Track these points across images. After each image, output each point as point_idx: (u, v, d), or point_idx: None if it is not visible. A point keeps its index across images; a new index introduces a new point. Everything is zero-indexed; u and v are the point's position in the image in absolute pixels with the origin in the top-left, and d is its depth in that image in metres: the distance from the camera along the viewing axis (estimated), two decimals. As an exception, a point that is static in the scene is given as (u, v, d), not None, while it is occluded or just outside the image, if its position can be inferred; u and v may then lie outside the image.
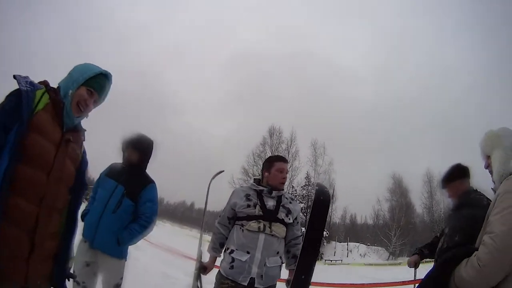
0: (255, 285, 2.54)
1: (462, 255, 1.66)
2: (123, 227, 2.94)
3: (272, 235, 2.62)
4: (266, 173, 2.83)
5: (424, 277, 1.80)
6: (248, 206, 2.69)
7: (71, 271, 1.92)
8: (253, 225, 2.64)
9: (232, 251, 2.63)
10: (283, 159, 2.93)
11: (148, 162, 3.11)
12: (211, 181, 3.42)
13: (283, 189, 2.83)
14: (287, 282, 2.62)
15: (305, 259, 2.37)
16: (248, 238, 2.62)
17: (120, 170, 3.07)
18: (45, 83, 1.65)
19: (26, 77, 1.58)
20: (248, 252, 2.59)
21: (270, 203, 2.72)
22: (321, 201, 2.45)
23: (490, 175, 1.86)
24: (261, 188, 2.78)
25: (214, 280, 2.68)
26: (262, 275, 2.54)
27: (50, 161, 1.56)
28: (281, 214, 2.68)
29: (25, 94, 1.48)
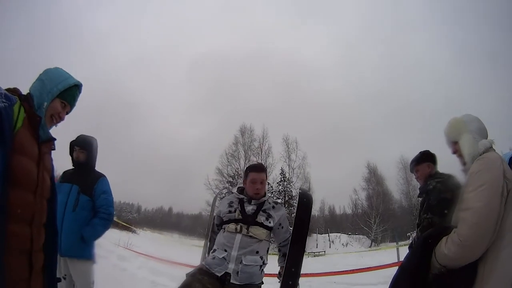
0: (231, 281, 2.62)
1: (440, 233, 1.78)
2: (85, 224, 3.10)
3: (250, 236, 2.74)
4: (244, 184, 3.03)
5: (405, 258, 1.94)
6: (230, 212, 2.89)
7: None
8: (231, 226, 2.80)
9: (214, 250, 2.80)
10: (256, 169, 3.01)
11: (95, 158, 3.36)
12: (215, 198, 3.64)
13: (259, 198, 2.93)
14: (279, 274, 2.86)
15: (293, 253, 2.66)
16: (227, 238, 2.78)
17: (72, 173, 3.29)
18: (17, 93, 1.59)
19: None
20: (225, 250, 2.72)
21: (249, 208, 2.88)
22: (304, 202, 2.79)
23: (459, 158, 2.00)
24: (242, 196, 2.95)
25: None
26: (238, 272, 2.63)
27: (34, 180, 1.55)
28: (261, 218, 2.82)
29: (5, 112, 1.41)
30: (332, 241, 32.09)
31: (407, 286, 1.80)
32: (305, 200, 2.82)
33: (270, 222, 2.84)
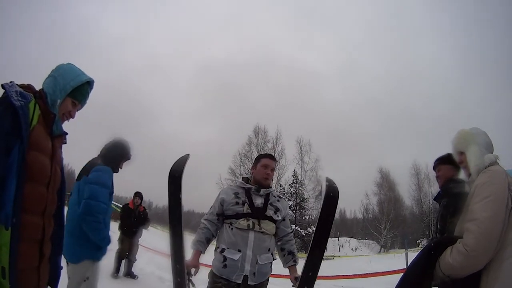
0: (248, 282, 2.53)
1: (445, 243, 1.81)
2: (77, 222, 2.72)
3: (262, 232, 2.62)
4: (253, 170, 2.90)
5: (409, 266, 1.94)
6: (237, 203, 2.69)
7: None
8: (242, 223, 2.62)
9: (223, 250, 2.61)
10: (269, 156, 2.95)
11: (107, 157, 3.01)
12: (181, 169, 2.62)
13: (269, 186, 2.84)
14: (295, 279, 2.58)
15: (313, 256, 2.49)
16: (238, 236, 2.61)
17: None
18: (32, 90, 1.62)
19: (13, 85, 1.53)
20: (239, 251, 2.57)
21: (258, 201, 2.73)
22: (331, 197, 2.53)
23: (464, 169, 2.06)
24: (249, 186, 2.80)
25: (205, 279, 2.67)
26: (254, 273, 2.55)
27: (48, 175, 1.61)
28: (270, 212, 2.70)
29: (21, 111, 1.45)
30: (342, 245, 31.78)
31: None
32: (332, 194, 2.54)
33: (278, 216, 2.74)
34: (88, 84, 1.81)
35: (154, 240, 17.98)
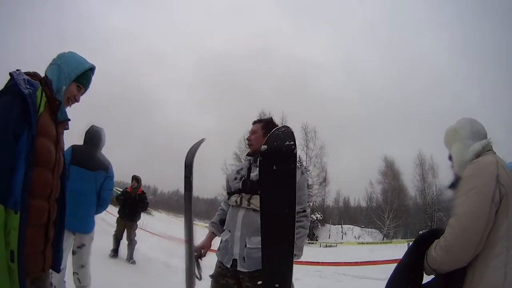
0: (238, 268, 2.24)
1: (433, 236, 1.74)
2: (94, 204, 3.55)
3: (253, 210, 2.27)
4: None
5: (401, 258, 1.88)
6: (235, 179, 2.47)
7: None
8: (233, 199, 2.40)
9: (223, 232, 2.46)
10: (253, 122, 2.63)
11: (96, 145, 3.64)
12: (193, 154, 2.86)
13: (253, 152, 2.47)
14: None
15: (270, 256, 1.91)
16: (230, 215, 2.40)
17: None
18: (38, 78, 1.66)
19: (20, 73, 1.56)
20: (229, 231, 2.35)
21: (255, 173, 2.37)
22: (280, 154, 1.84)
23: (452, 170, 1.93)
24: (249, 157, 2.52)
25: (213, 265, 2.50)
26: (244, 257, 2.23)
27: (53, 160, 1.65)
28: None
29: (30, 99, 1.48)
30: (345, 233, 32.02)
31: (401, 286, 1.79)
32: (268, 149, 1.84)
33: None
34: (90, 70, 1.86)
35: (159, 225, 18.25)
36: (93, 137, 3.62)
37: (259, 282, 2.07)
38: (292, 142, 1.88)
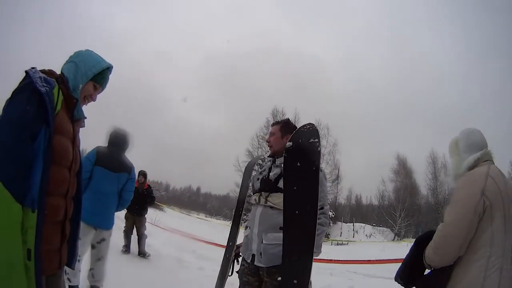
0: (255, 263, 2.35)
1: (430, 237, 1.91)
2: (116, 203, 3.76)
3: (270, 207, 2.37)
4: None
5: (406, 255, 2.07)
6: (258, 179, 2.57)
7: None
8: (253, 198, 2.52)
9: (246, 229, 2.58)
10: (271, 124, 2.73)
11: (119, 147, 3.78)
12: (251, 166, 3.27)
13: (273, 153, 2.57)
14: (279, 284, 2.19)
15: (290, 251, 2.02)
16: (251, 213, 2.50)
17: None
18: (54, 76, 1.64)
19: (36, 71, 1.54)
20: (249, 228, 2.47)
21: (273, 172, 2.48)
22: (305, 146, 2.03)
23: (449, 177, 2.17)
24: (270, 158, 2.62)
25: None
26: (261, 253, 2.32)
27: (70, 158, 1.65)
28: (282, 182, 2.33)
29: (47, 97, 1.46)
30: (356, 231, 31.83)
31: (404, 279, 2.00)
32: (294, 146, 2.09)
33: None
34: (107, 69, 1.84)
35: (171, 221, 18.36)
36: (119, 139, 3.77)
37: (279, 278, 2.14)
38: (317, 140, 2.03)
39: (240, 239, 2.81)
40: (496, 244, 1.69)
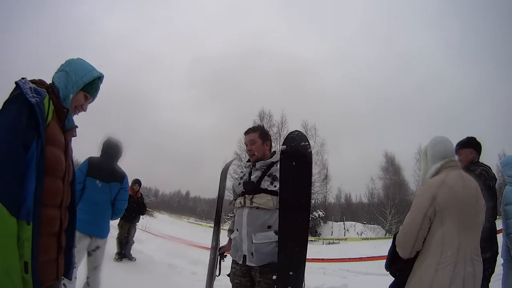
0: (247, 263, 2.44)
1: None
2: (110, 212, 3.79)
3: (256, 208, 2.47)
4: None
5: (389, 249, 2.32)
6: (239, 184, 2.66)
7: None
8: (237, 201, 2.61)
9: (233, 232, 2.67)
10: (245, 132, 2.76)
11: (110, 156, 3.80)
12: (226, 169, 3.65)
13: (257, 160, 2.66)
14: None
15: (286, 243, 2.25)
16: (237, 215, 2.59)
17: None
18: (44, 85, 1.63)
19: (26, 81, 1.52)
20: (237, 230, 2.56)
21: (254, 175, 2.59)
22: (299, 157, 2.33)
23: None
24: (248, 163, 2.75)
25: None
26: (252, 253, 2.41)
27: (63, 168, 1.64)
28: (265, 183, 2.49)
29: (38, 108, 1.45)
30: (347, 230, 31.94)
31: (388, 268, 2.32)
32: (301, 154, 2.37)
33: (275, 186, 2.46)
34: (98, 79, 1.83)
35: (162, 227, 18.25)
36: (110, 149, 3.79)
37: (274, 277, 2.28)
38: (307, 143, 2.36)
39: (222, 240, 3.06)
40: (447, 242, 1.98)
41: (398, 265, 2.20)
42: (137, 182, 7.89)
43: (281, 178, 2.34)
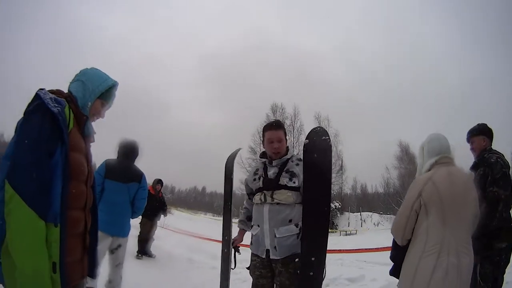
0: (271, 256, 2.53)
1: None
2: (130, 211, 3.88)
3: (277, 204, 2.55)
4: (263, 145, 2.82)
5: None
6: (254, 180, 2.75)
7: None
8: (257, 197, 2.67)
9: (252, 227, 2.74)
10: (271, 127, 2.75)
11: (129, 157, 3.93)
12: (232, 160, 3.71)
13: (280, 157, 2.70)
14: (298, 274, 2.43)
15: (309, 229, 2.40)
16: (257, 211, 2.66)
17: None
18: (63, 96, 1.68)
19: (46, 92, 1.58)
20: (258, 226, 2.62)
21: (271, 172, 2.67)
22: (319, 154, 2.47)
23: None
24: (264, 159, 2.79)
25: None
26: (275, 246, 2.51)
27: (86, 173, 1.72)
28: (284, 180, 2.58)
29: (60, 117, 1.52)
30: (364, 220, 31.81)
31: (390, 254, 2.51)
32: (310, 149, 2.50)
33: (294, 182, 2.56)
34: (114, 86, 1.90)
35: (180, 223, 18.45)
36: (126, 150, 3.90)
37: (296, 260, 2.42)
38: (328, 137, 2.51)
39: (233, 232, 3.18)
40: (432, 233, 2.16)
41: (396, 252, 2.41)
42: (159, 182, 8.04)
43: (305, 170, 2.47)
